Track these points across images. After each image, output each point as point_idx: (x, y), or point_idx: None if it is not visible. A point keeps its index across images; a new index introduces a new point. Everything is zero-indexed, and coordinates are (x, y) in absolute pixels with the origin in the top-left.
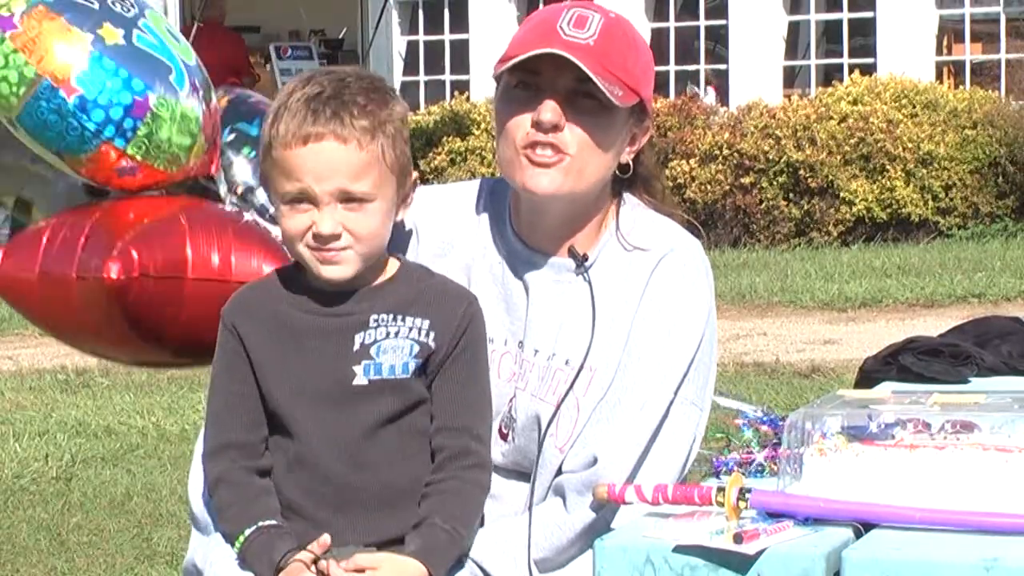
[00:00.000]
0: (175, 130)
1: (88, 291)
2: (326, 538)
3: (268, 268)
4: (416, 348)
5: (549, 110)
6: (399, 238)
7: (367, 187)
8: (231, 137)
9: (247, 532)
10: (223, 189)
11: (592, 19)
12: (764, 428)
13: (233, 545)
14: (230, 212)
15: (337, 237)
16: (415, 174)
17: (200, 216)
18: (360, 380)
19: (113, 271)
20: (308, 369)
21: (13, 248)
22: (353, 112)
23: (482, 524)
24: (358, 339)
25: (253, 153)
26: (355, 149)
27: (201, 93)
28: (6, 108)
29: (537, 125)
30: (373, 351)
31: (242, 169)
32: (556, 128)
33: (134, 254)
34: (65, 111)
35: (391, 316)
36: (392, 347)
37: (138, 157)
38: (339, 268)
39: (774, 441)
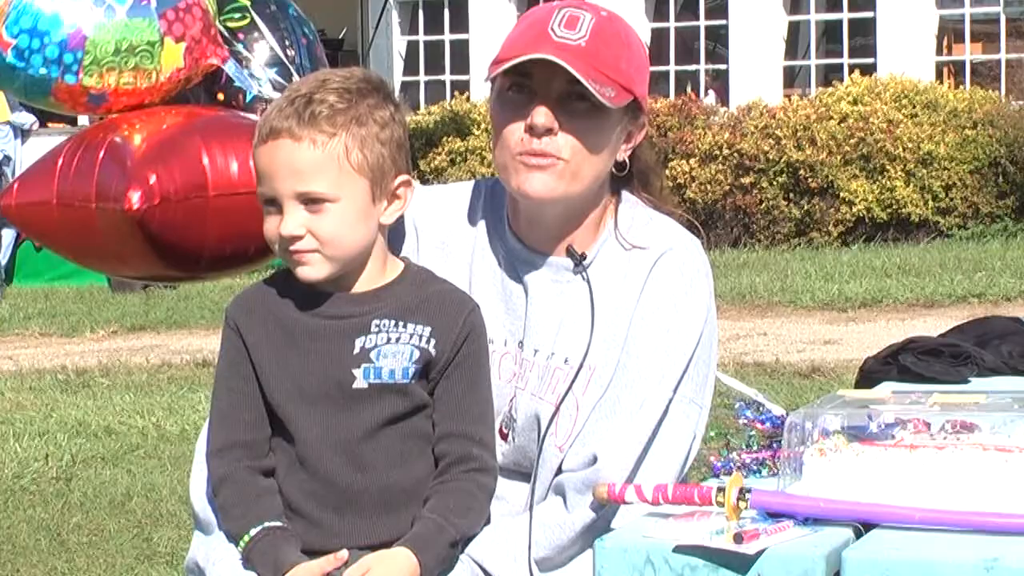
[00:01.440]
0: (125, 46)
1: (110, 221)
2: (344, 554)
3: None
4: (416, 354)
5: (541, 115)
6: (395, 239)
7: (324, 187)
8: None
9: (252, 532)
10: (248, 78)
11: (583, 19)
12: (763, 427)
13: (237, 544)
14: (243, 117)
15: (299, 238)
16: (404, 176)
17: (213, 126)
18: (360, 384)
19: (134, 200)
20: (308, 371)
21: (28, 177)
22: (314, 111)
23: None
24: (359, 343)
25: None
26: (308, 148)
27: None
28: None
29: (530, 130)
30: (373, 355)
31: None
32: (549, 132)
33: (152, 179)
34: (8, 65)
35: (393, 322)
36: (392, 352)
37: (97, 84)
38: (309, 269)
39: (775, 440)
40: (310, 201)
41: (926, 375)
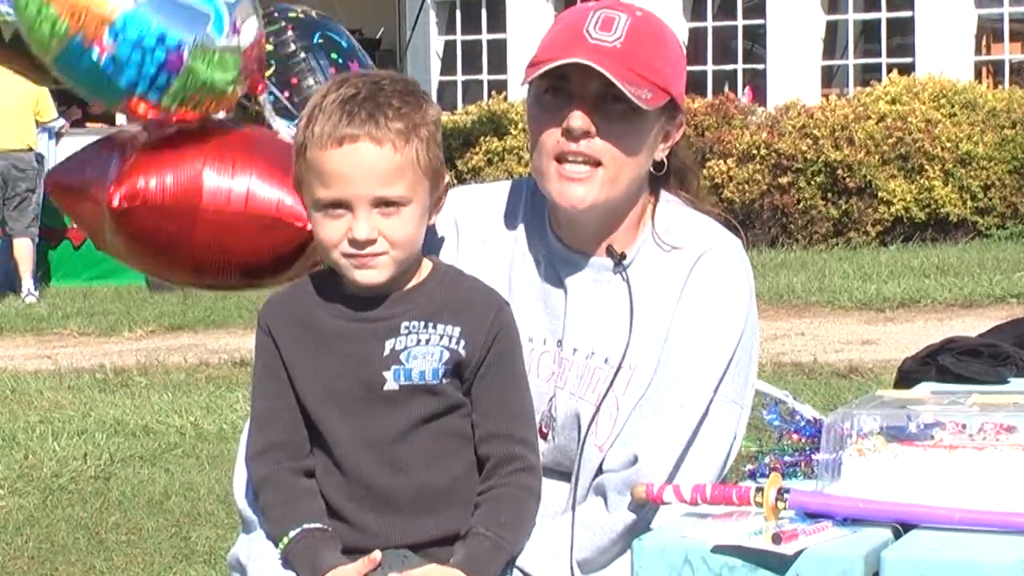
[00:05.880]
0: (213, 75)
1: (104, 216)
2: (377, 555)
3: (289, 203)
4: (446, 355)
5: (578, 118)
6: (432, 241)
7: (402, 190)
8: (320, 40)
9: (292, 534)
10: (269, 107)
11: (619, 20)
12: (796, 437)
13: (277, 546)
14: (265, 138)
15: (373, 242)
16: (448, 177)
17: (229, 144)
18: (391, 385)
19: (115, 200)
20: (338, 373)
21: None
22: (388, 114)
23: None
24: (388, 345)
25: (339, 59)
26: (390, 151)
27: (243, 26)
28: (43, 51)
29: (567, 133)
30: (403, 357)
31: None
32: (586, 135)
33: (140, 183)
34: (96, 69)
35: (422, 323)
36: (422, 354)
37: (172, 107)
38: (374, 273)
39: (809, 447)
40: (385, 204)
41: (965, 375)
